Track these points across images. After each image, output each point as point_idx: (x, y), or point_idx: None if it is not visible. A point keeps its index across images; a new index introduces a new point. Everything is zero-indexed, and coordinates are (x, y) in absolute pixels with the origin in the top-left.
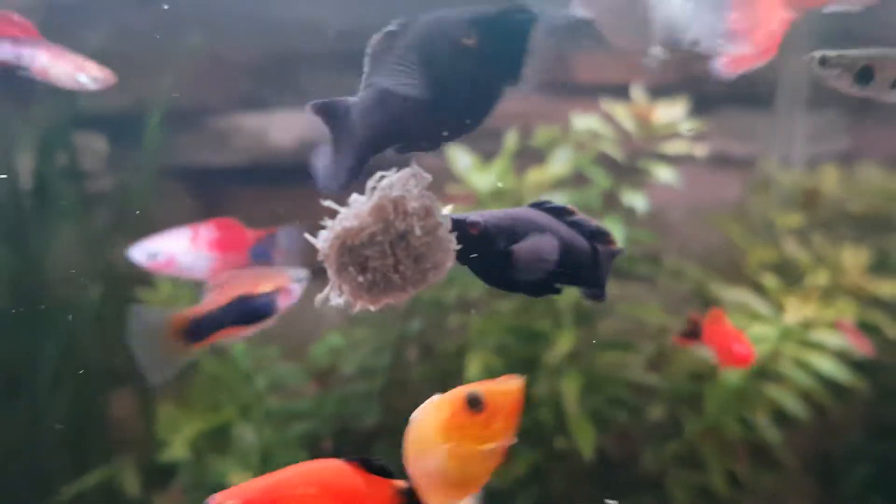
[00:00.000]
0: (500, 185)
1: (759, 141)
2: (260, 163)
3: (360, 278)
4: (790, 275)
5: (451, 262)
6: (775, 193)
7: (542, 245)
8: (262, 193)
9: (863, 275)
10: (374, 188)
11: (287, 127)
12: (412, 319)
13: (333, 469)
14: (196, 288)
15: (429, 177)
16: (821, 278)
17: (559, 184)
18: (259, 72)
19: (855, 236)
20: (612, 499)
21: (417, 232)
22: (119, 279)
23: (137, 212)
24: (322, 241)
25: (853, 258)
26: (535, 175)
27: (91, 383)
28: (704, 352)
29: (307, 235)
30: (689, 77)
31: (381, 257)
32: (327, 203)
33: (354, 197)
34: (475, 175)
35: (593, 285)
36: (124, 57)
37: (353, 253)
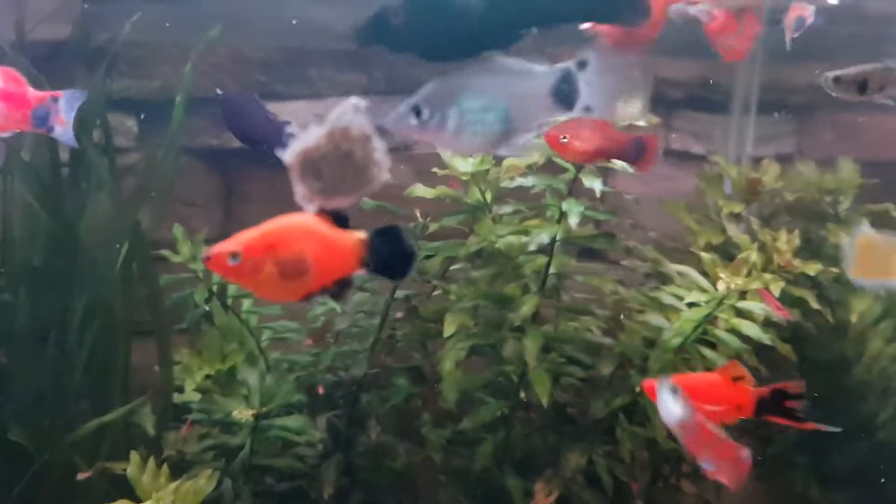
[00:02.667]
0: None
1: (715, 140)
2: None
3: (315, 184)
4: (732, 255)
5: (385, 176)
6: (723, 185)
7: None
8: (273, 174)
9: (793, 256)
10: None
11: (296, 115)
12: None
13: (310, 219)
14: None
15: (364, 106)
16: (753, 256)
17: (532, 169)
18: (273, 66)
19: (789, 223)
20: (575, 449)
21: (358, 153)
22: (143, 241)
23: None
24: (289, 154)
25: (786, 242)
26: (511, 161)
27: (115, 334)
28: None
29: (280, 153)
30: (655, 81)
31: (330, 169)
32: None
33: (313, 126)
34: (458, 161)
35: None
36: (154, 46)
37: (310, 165)
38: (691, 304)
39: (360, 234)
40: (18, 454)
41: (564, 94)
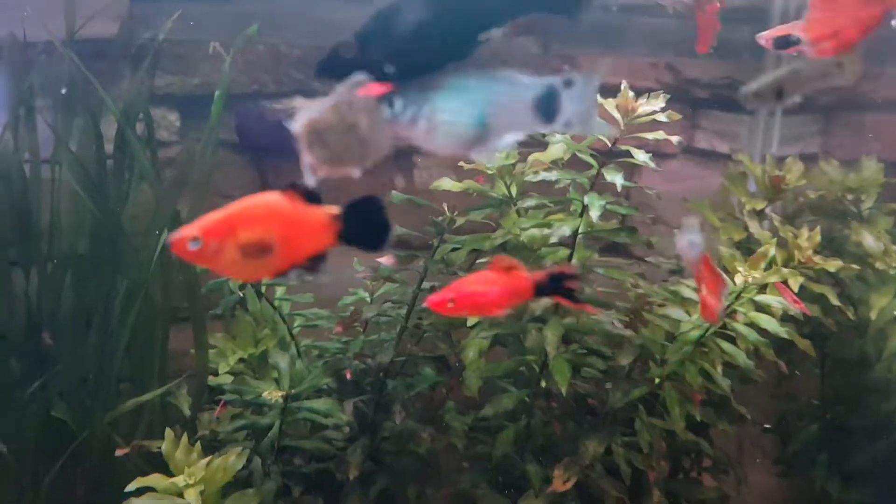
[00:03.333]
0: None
1: (741, 140)
2: None
3: (322, 154)
4: (753, 252)
5: (387, 147)
6: (747, 183)
7: None
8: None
9: (814, 253)
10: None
11: None
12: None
13: (277, 198)
14: None
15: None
16: (771, 251)
17: (557, 164)
18: (309, 63)
19: (812, 221)
20: (593, 437)
21: (363, 124)
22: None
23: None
24: (297, 125)
25: (807, 238)
26: (536, 156)
27: (153, 319)
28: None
29: (288, 123)
30: (682, 81)
31: (336, 140)
32: None
33: (320, 98)
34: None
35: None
36: (196, 44)
37: (317, 135)
38: None
39: (333, 209)
40: (61, 430)
41: (546, 108)
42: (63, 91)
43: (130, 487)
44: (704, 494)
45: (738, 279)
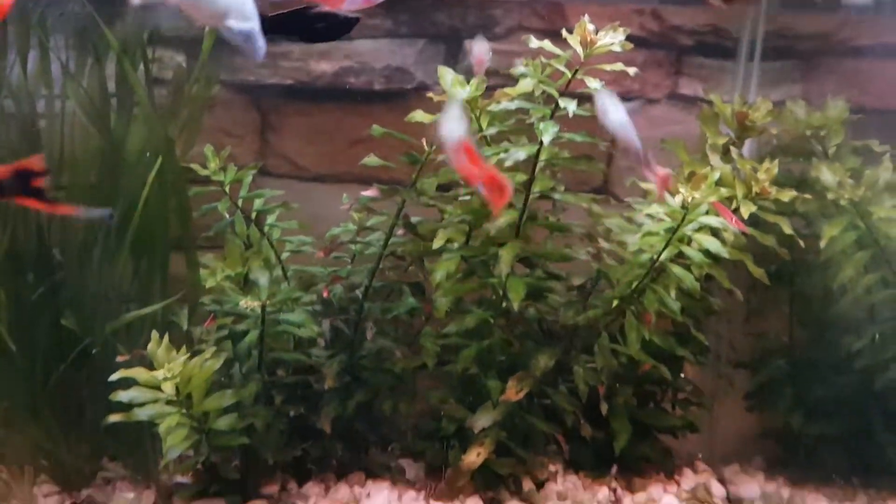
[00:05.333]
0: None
1: (724, 87)
2: (303, 83)
3: None
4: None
5: None
6: (718, 124)
7: None
8: (303, 108)
9: (770, 184)
10: None
11: (326, 55)
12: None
13: None
14: None
15: None
16: (716, 175)
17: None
18: None
19: (782, 162)
20: (545, 352)
21: None
22: (173, 155)
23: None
24: None
25: (764, 171)
26: (504, 91)
27: (153, 241)
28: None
29: None
30: (666, 28)
31: None
32: None
33: None
34: (456, 87)
35: None
36: None
37: None
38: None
39: None
40: (69, 338)
41: None
42: (72, 31)
43: (114, 377)
44: (671, 422)
45: (678, 199)
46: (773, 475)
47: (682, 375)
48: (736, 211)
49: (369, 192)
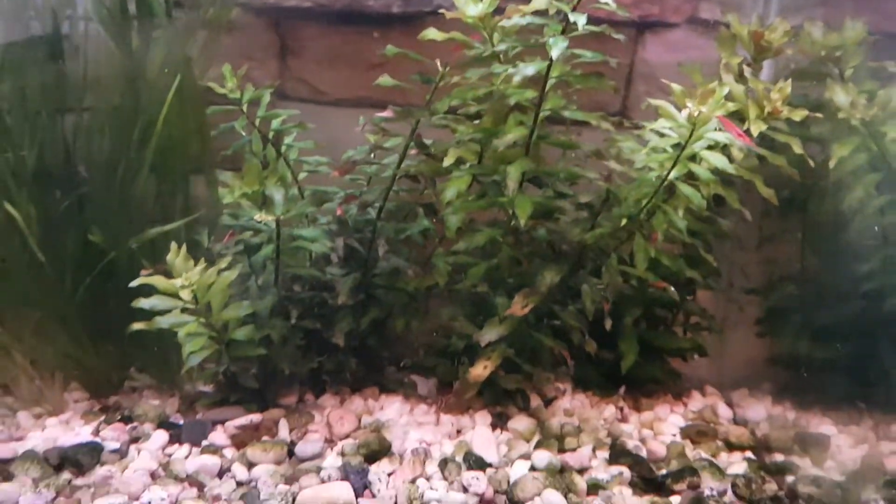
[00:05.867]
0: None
1: (745, 11)
2: (322, 6)
3: None
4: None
5: None
6: (735, 46)
7: None
8: (322, 32)
9: (783, 104)
10: None
11: None
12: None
13: None
14: None
15: None
16: (724, 91)
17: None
18: None
19: (798, 86)
20: (551, 268)
21: None
22: (191, 74)
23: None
24: None
25: (777, 91)
26: (516, 7)
27: (173, 159)
28: None
29: None
30: None
31: None
32: None
33: None
34: (469, 5)
35: None
36: None
37: None
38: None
39: None
40: (94, 251)
41: None
42: None
43: (134, 284)
44: (680, 344)
45: (684, 113)
46: (780, 400)
47: (691, 298)
48: (747, 131)
49: (384, 114)
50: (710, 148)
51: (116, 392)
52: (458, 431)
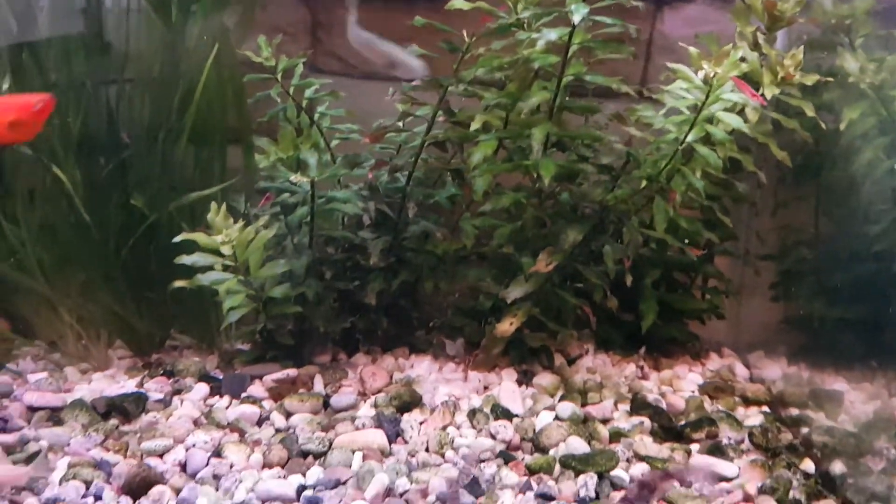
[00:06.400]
0: None
1: None
2: None
3: None
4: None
5: None
6: (749, 16)
7: None
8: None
9: (796, 69)
10: None
11: None
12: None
13: None
14: None
15: None
16: (739, 53)
17: None
18: None
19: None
20: (574, 227)
21: None
22: (228, 44)
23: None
24: None
25: (790, 57)
26: None
27: (211, 127)
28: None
29: None
30: None
31: None
32: None
33: None
34: None
35: None
36: None
37: None
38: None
39: None
40: (136, 215)
41: None
42: None
43: (177, 239)
44: (698, 306)
45: (700, 74)
46: (795, 361)
47: (710, 262)
48: (761, 96)
49: (413, 83)
50: (726, 110)
51: (158, 350)
52: (486, 387)
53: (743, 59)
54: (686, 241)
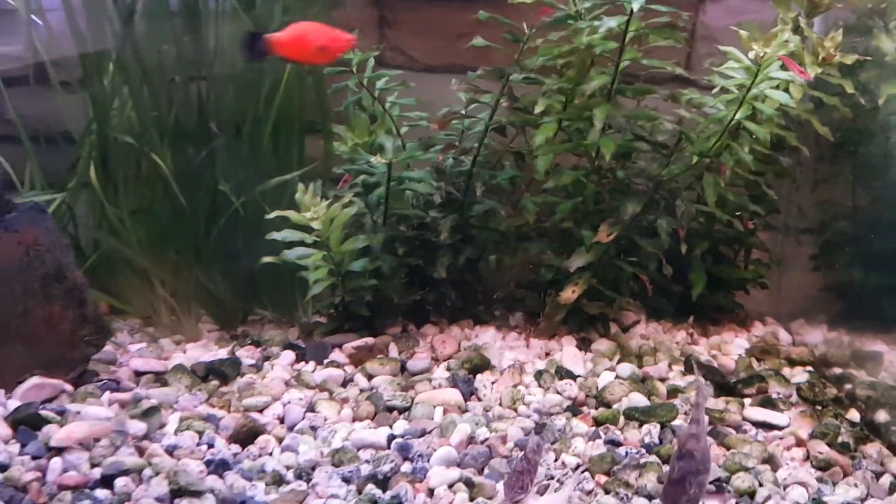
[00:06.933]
0: None
1: None
2: None
3: None
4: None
5: None
6: (790, 2)
7: None
8: (415, 5)
9: (836, 50)
10: None
11: None
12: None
13: None
14: None
15: None
16: (785, 35)
17: None
18: None
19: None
20: (632, 200)
21: None
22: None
23: None
24: None
25: (830, 39)
26: None
27: (291, 122)
28: None
29: None
30: None
31: None
32: None
33: None
34: None
35: None
36: None
37: None
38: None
39: None
40: (224, 199)
41: None
42: None
43: (270, 216)
44: (741, 276)
45: (750, 55)
46: (835, 327)
47: (753, 229)
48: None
49: (477, 72)
50: (773, 88)
51: (242, 323)
52: (547, 353)
53: (787, 42)
54: (737, 213)
